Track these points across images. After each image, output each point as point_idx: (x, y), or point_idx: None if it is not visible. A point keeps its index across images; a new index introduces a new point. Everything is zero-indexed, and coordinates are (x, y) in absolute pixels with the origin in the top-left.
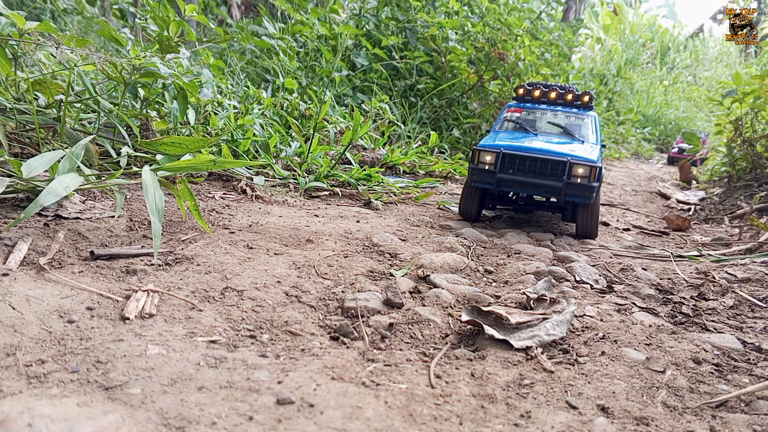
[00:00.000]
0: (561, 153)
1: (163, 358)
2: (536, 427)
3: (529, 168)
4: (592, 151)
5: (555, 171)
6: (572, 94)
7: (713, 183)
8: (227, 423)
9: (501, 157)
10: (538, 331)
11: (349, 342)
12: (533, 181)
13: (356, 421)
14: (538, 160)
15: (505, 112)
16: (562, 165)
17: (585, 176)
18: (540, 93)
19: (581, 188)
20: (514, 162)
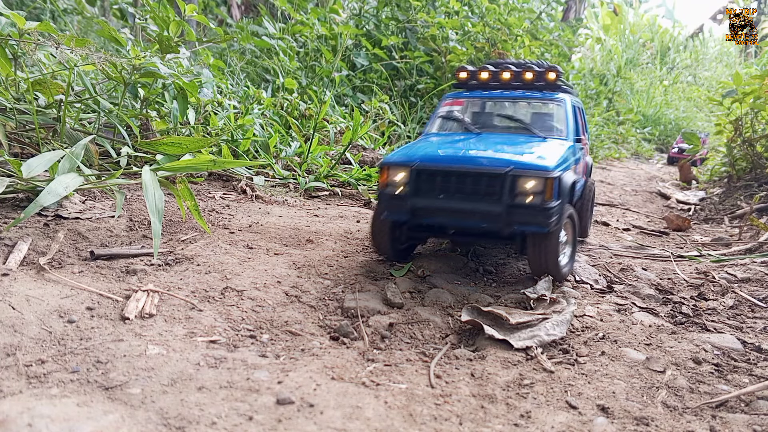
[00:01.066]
0: (499, 161)
1: (163, 358)
2: (536, 427)
3: (455, 188)
4: (552, 153)
5: (491, 189)
6: (532, 71)
7: (713, 183)
8: (227, 423)
9: (415, 174)
10: (538, 331)
11: (349, 342)
12: (462, 207)
13: (356, 421)
14: (467, 174)
15: (442, 106)
16: (500, 179)
17: (537, 192)
18: (489, 75)
19: (532, 211)
20: (434, 180)
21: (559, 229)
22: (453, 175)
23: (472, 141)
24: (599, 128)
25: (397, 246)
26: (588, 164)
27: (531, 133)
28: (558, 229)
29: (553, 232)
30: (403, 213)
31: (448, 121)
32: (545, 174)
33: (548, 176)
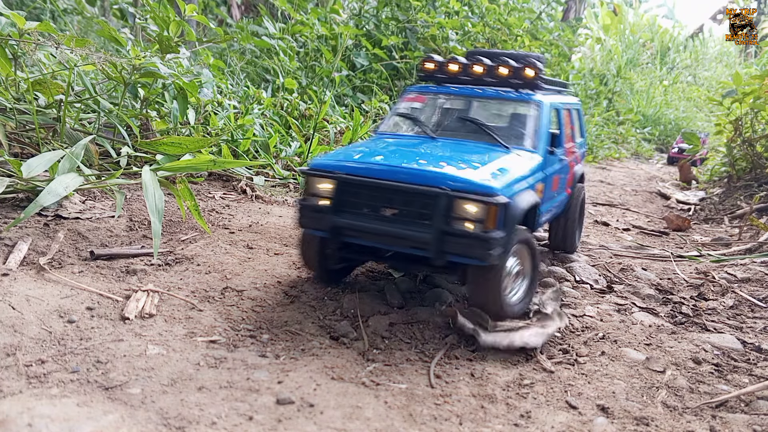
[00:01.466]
0: (436, 177)
1: (163, 358)
2: (536, 427)
3: (381, 204)
4: (508, 170)
5: (423, 209)
6: (509, 67)
7: (713, 183)
8: (227, 423)
9: (340, 186)
10: (513, 334)
11: (348, 342)
12: (388, 229)
13: (356, 421)
14: (397, 190)
15: (402, 101)
16: (434, 200)
17: (477, 219)
18: (459, 68)
19: (469, 241)
20: (358, 194)
21: (503, 261)
22: (382, 190)
23: (420, 148)
24: (599, 128)
25: (328, 265)
26: (576, 174)
27: (494, 141)
28: (502, 261)
29: (495, 266)
30: (322, 229)
31: (405, 120)
32: (488, 198)
33: (492, 201)
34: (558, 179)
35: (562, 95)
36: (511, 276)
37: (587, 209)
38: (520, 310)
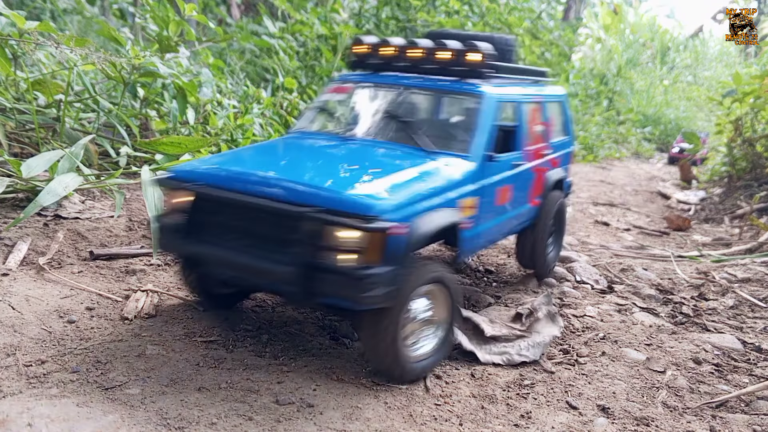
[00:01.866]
0: (305, 192)
1: (163, 358)
2: (536, 427)
3: (243, 228)
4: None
5: (289, 235)
6: (451, 51)
7: (713, 183)
8: (227, 423)
9: (195, 200)
10: (510, 348)
11: (348, 343)
12: (242, 259)
13: (356, 422)
14: (254, 208)
15: (324, 93)
16: (297, 223)
17: (354, 249)
18: (395, 52)
19: (338, 278)
20: (216, 211)
21: (400, 305)
22: (241, 208)
23: (316, 152)
24: (599, 128)
25: (211, 289)
26: (547, 182)
27: (418, 143)
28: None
29: (387, 311)
30: (176, 251)
31: (321, 116)
32: (365, 222)
33: (369, 226)
34: (508, 190)
35: (531, 86)
36: (416, 324)
37: (587, 209)
38: (426, 367)
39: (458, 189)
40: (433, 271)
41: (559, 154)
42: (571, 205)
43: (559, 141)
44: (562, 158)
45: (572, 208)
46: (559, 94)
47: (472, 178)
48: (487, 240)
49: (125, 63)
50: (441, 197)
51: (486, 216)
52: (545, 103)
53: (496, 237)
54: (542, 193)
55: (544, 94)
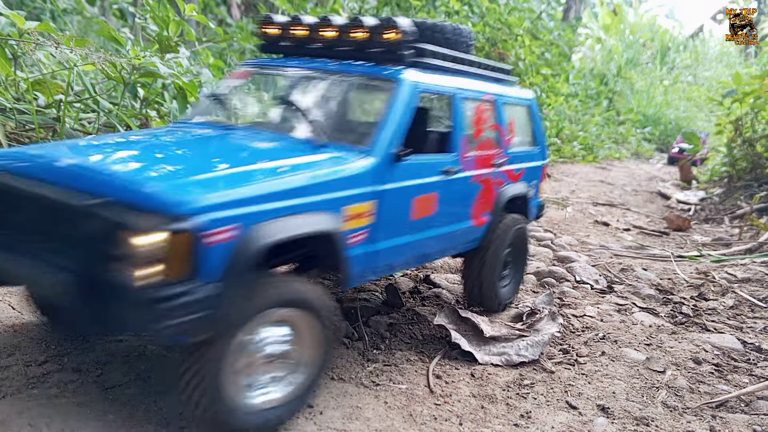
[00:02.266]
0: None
1: (163, 358)
2: (536, 427)
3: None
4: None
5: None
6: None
7: (713, 183)
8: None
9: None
10: (509, 349)
11: (348, 342)
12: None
13: (356, 422)
14: (35, 199)
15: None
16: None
17: (154, 258)
18: (308, 31)
19: (131, 300)
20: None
21: (218, 336)
22: (26, 201)
23: (171, 142)
24: (599, 128)
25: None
26: (500, 198)
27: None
28: (213, 336)
29: (209, 343)
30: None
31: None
32: (169, 222)
33: (174, 227)
34: (433, 200)
35: (484, 82)
36: (262, 360)
37: (587, 209)
38: (269, 422)
39: (344, 190)
40: (289, 292)
41: (520, 166)
42: (571, 205)
43: (523, 152)
44: (527, 173)
45: (572, 208)
46: (526, 98)
47: (370, 178)
48: (396, 261)
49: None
50: (311, 197)
51: (392, 229)
52: (501, 104)
53: (414, 258)
54: (492, 210)
55: (499, 94)
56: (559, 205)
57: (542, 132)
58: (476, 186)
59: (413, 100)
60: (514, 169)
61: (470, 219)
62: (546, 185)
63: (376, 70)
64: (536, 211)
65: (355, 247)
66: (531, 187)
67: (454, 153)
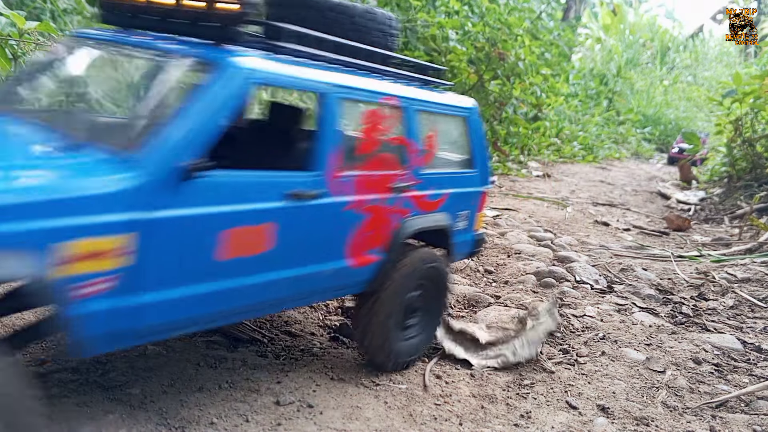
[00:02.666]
0: None
1: (163, 358)
2: (536, 427)
3: None
4: None
5: None
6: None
7: (713, 183)
8: (227, 423)
9: None
10: (505, 350)
11: (348, 342)
12: None
13: (356, 421)
14: None
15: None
16: None
17: None
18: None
19: None
20: None
21: None
22: None
23: None
24: (599, 128)
25: None
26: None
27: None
28: None
29: None
30: None
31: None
32: None
33: None
34: (261, 233)
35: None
36: None
37: (587, 209)
38: None
39: (62, 217)
40: None
41: (440, 192)
42: (571, 205)
43: (448, 174)
44: (452, 200)
45: (572, 208)
46: (461, 107)
47: (126, 200)
48: (193, 315)
49: None
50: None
51: (178, 274)
52: (414, 111)
53: (236, 311)
54: (386, 246)
55: (413, 98)
56: (559, 205)
57: (483, 151)
58: (356, 216)
59: (239, 92)
60: (428, 196)
61: (345, 258)
62: (546, 185)
63: (196, 50)
64: (469, 247)
65: (89, 300)
66: (458, 219)
67: (317, 171)
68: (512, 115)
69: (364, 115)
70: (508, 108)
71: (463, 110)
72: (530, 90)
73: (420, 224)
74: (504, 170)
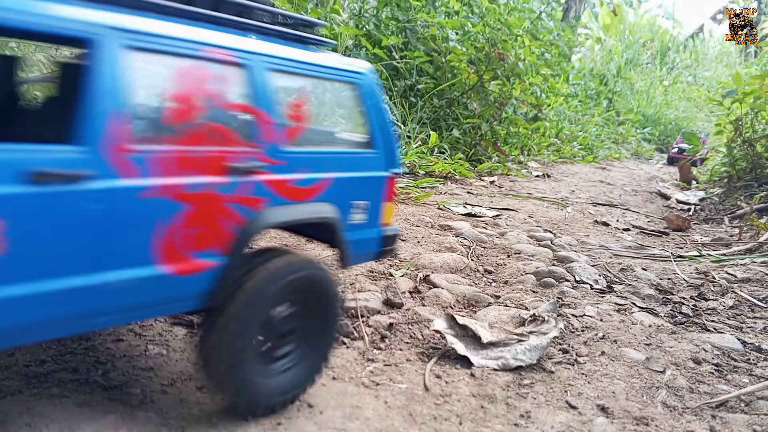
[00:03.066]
0: None
1: (164, 358)
2: (536, 427)
3: None
4: None
5: None
6: None
7: (713, 183)
8: (227, 423)
9: None
10: (506, 353)
11: (349, 342)
12: None
13: (356, 421)
14: None
15: None
16: None
17: None
18: None
19: None
20: None
21: None
22: None
23: None
24: (599, 128)
25: None
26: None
27: None
28: None
29: None
30: None
31: None
32: None
33: None
34: None
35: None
36: None
37: (587, 210)
38: None
39: None
40: None
41: (318, 177)
42: (571, 205)
43: (333, 154)
44: (340, 187)
45: (572, 208)
46: (348, 70)
47: None
48: None
49: None
50: None
51: None
52: (265, 70)
53: None
54: (224, 246)
55: (264, 54)
56: (559, 205)
57: (387, 128)
58: (167, 205)
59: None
60: (297, 181)
61: (155, 263)
62: (546, 185)
63: None
64: (373, 246)
65: None
66: (352, 211)
67: (87, 145)
68: (512, 116)
69: (175, 71)
70: (508, 108)
71: (349, 75)
72: (530, 90)
73: (282, 217)
74: (504, 170)
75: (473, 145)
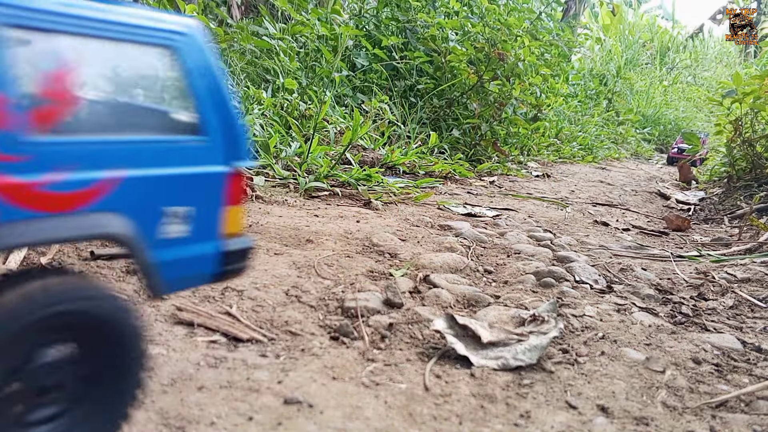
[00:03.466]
0: None
1: (163, 358)
2: (536, 427)
3: None
4: None
5: None
6: None
7: (713, 183)
8: (227, 423)
9: None
10: (506, 353)
11: (349, 342)
12: None
13: (356, 421)
14: None
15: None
16: None
17: None
18: None
19: None
20: None
21: None
22: None
23: None
24: (599, 129)
25: None
26: None
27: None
28: None
29: None
30: None
31: None
32: None
33: None
34: None
35: None
36: None
37: (586, 210)
38: None
39: None
40: None
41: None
42: (571, 205)
43: (125, 144)
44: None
45: (572, 208)
46: (152, 27)
47: None
48: None
49: None
50: None
51: None
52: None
53: None
54: None
55: None
56: (559, 205)
57: (225, 106)
58: None
59: None
60: (53, 183)
61: None
62: (546, 185)
63: None
64: (206, 266)
65: None
66: (163, 221)
67: None
68: (512, 116)
69: None
70: (508, 108)
71: (160, 36)
72: (530, 90)
73: (18, 237)
74: (504, 170)
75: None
